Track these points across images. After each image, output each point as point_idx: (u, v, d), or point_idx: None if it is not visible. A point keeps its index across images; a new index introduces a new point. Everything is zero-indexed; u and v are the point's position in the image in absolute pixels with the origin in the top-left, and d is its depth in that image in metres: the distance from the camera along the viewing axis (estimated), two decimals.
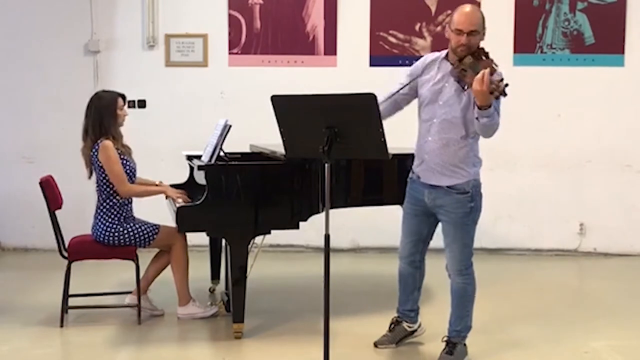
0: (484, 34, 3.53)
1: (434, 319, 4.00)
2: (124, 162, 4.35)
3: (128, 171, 4.37)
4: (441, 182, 3.59)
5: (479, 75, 3.24)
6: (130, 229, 4.33)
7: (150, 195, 4.48)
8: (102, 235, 4.32)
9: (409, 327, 4.00)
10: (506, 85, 3.26)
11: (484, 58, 3.42)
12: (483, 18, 3.52)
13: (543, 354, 3.94)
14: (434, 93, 3.59)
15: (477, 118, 3.37)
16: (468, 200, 3.57)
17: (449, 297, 3.76)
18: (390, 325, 4.02)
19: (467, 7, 3.52)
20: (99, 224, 4.35)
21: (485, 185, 3.69)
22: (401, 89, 3.67)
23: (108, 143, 4.28)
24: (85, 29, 6.33)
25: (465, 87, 3.44)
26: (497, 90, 3.23)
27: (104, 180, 4.33)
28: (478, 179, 3.64)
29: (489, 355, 3.88)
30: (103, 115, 4.32)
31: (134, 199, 4.52)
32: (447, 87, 3.56)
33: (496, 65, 3.39)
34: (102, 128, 4.31)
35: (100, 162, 4.29)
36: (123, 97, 4.44)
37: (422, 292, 4.01)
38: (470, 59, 3.40)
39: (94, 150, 4.31)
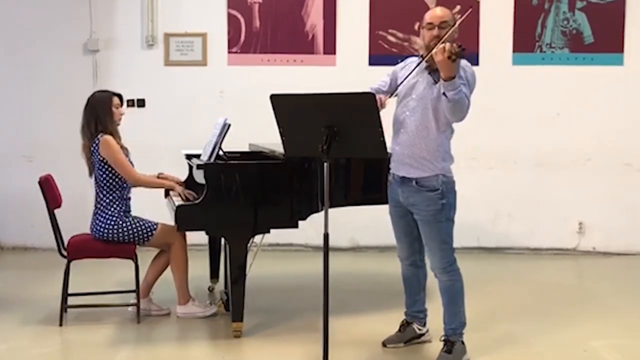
0: (455, 31, 3.57)
1: (433, 318, 4.00)
2: None
3: None
4: (409, 174, 3.63)
5: (439, 46, 3.31)
6: (129, 224, 4.33)
7: (158, 187, 4.49)
8: (100, 231, 4.32)
9: (419, 329, 4.01)
10: (462, 48, 3.29)
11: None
12: (453, 16, 3.65)
13: (542, 353, 3.94)
14: (409, 88, 3.66)
15: (444, 94, 3.38)
16: (438, 198, 3.59)
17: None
18: (400, 326, 4.02)
19: (437, 7, 3.71)
20: (98, 219, 4.35)
21: (484, 184, 3.71)
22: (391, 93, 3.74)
23: (109, 137, 4.31)
24: (85, 28, 6.33)
25: (437, 80, 3.49)
26: (454, 53, 3.26)
27: (103, 176, 4.34)
28: (449, 175, 3.66)
29: (488, 353, 3.88)
30: (98, 112, 4.35)
31: (132, 197, 4.52)
32: (421, 81, 3.63)
33: (462, 48, 3.38)
34: (99, 124, 4.33)
35: (101, 157, 4.30)
36: (119, 96, 4.47)
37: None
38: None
39: (94, 145, 4.33)
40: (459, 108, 3.41)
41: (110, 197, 4.37)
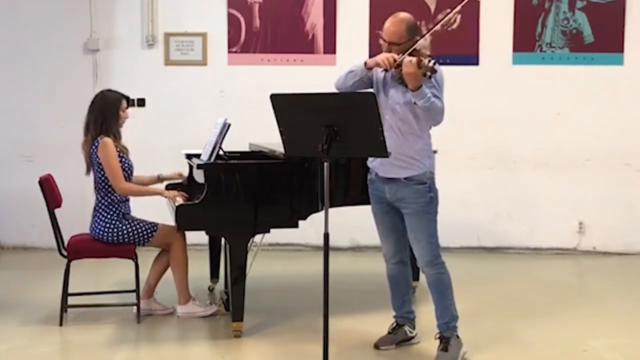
0: (409, 40, 3.62)
1: (429, 316, 4.00)
2: (122, 159, 4.37)
3: (126, 169, 4.39)
4: (399, 175, 3.67)
5: (407, 59, 3.40)
6: (128, 226, 4.34)
7: (146, 195, 4.49)
8: (100, 233, 4.33)
9: (410, 332, 4.00)
10: (434, 62, 3.38)
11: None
12: (408, 29, 3.66)
13: (542, 353, 3.94)
14: (385, 93, 3.70)
15: (415, 103, 3.48)
16: (427, 191, 3.66)
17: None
18: (392, 329, 4.01)
19: (397, 16, 3.71)
20: (98, 221, 4.35)
21: (484, 184, 3.72)
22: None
23: (108, 140, 4.32)
24: (85, 28, 6.33)
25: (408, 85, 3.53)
26: (426, 69, 3.35)
27: (102, 178, 4.34)
28: (433, 171, 3.73)
29: (488, 353, 3.88)
30: (106, 113, 4.37)
31: (132, 198, 4.53)
32: (394, 86, 3.67)
33: (428, 57, 3.46)
34: (104, 125, 4.35)
35: (99, 159, 4.31)
36: (127, 99, 4.49)
37: (415, 291, 4.02)
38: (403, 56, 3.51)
39: (93, 147, 4.34)
40: (433, 114, 3.51)
41: (109, 200, 4.37)
